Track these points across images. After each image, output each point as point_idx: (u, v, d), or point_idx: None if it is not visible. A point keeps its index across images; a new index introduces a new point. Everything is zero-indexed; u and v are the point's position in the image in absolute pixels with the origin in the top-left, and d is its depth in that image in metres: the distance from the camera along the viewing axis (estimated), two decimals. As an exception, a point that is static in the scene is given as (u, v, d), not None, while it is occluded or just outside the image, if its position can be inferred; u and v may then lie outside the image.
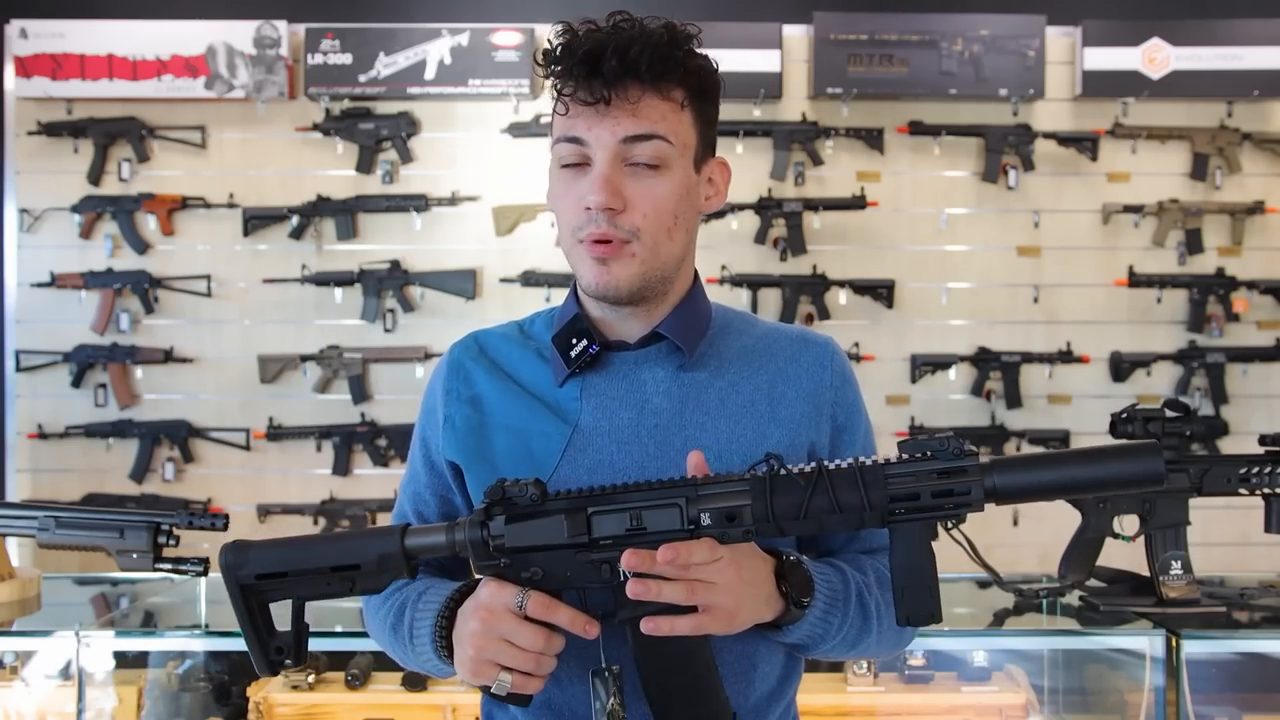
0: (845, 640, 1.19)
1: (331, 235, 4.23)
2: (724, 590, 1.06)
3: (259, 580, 1.13)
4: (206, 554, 2.19)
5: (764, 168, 4.20)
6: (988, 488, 1.03)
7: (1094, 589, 2.28)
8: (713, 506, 1.05)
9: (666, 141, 1.17)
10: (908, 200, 4.25)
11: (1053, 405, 4.24)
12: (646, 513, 1.06)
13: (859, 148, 4.24)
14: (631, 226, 1.17)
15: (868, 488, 1.03)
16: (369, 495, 4.23)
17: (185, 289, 4.22)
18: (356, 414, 4.21)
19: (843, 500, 1.03)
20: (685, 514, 1.06)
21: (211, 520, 2.11)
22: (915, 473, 1.03)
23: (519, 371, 1.27)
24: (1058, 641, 2.31)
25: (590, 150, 1.16)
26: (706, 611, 1.06)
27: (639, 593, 1.04)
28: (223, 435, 4.23)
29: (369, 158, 4.22)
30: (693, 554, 1.04)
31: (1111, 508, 2.19)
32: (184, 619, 2.39)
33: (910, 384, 4.24)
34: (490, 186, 4.21)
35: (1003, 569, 2.39)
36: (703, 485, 1.07)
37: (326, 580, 1.12)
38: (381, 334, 4.23)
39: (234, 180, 4.24)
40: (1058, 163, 4.26)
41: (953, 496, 1.03)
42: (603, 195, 1.15)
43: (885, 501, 1.03)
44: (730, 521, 1.05)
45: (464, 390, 1.28)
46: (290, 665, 1.15)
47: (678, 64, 1.17)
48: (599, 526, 1.07)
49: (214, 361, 4.26)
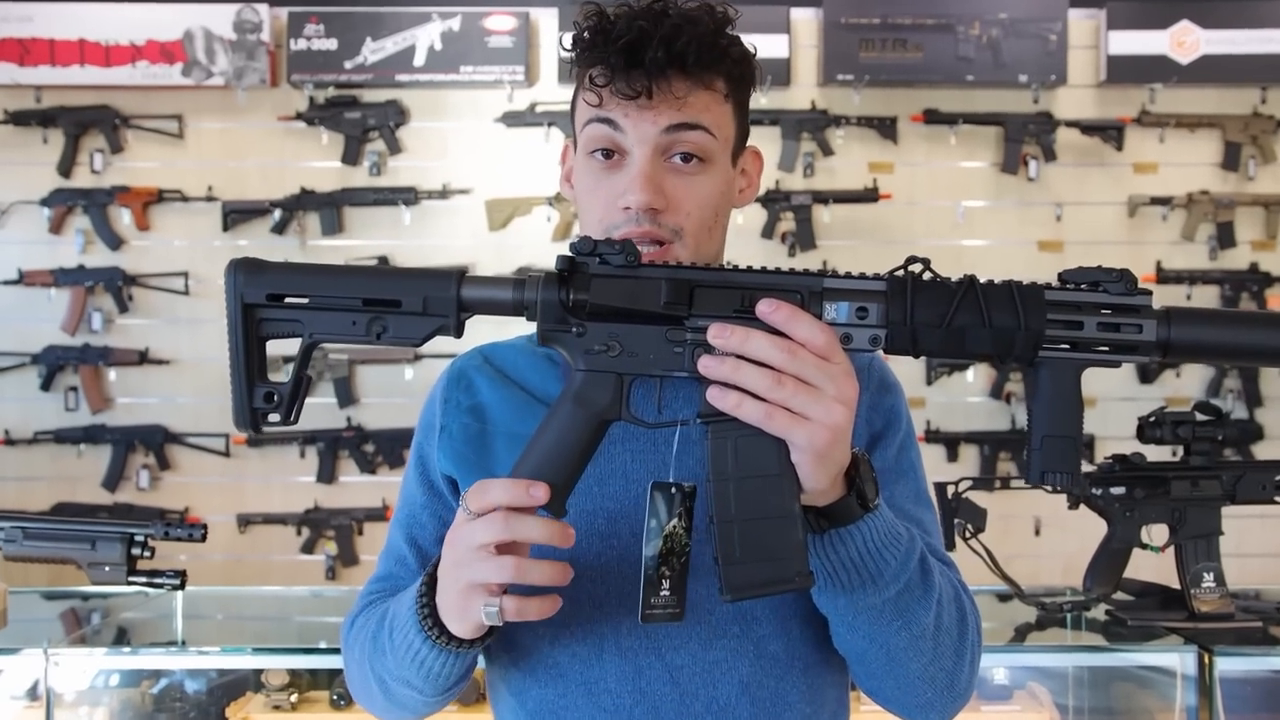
0: (899, 603, 1.05)
1: (316, 230, 4.23)
2: (828, 403, 0.93)
3: (269, 302, 1.02)
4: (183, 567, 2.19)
5: (771, 158, 4.18)
6: (1161, 336, 0.97)
7: (1121, 603, 2.27)
8: (844, 301, 0.97)
9: (710, 134, 1.14)
10: (923, 192, 4.25)
11: (1077, 408, 4.22)
12: (761, 297, 0.97)
13: (871, 137, 4.23)
14: (675, 225, 1.14)
15: (1025, 307, 0.96)
16: (355, 504, 4.22)
17: (161, 287, 4.22)
18: (342, 418, 4.21)
19: (995, 317, 0.96)
20: (806, 306, 0.98)
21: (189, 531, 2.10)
22: (1079, 302, 0.97)
23: (527, 378, 1.24)
24: (1083, 658, 2.29)
25: (627, 141, 1.13)
26: (798, 417, 0.93)
27: (710, 369, 0.94)
28: (201, 441, 4.23)
29: (355, 148, 4.21)
30: (798, 324, 0.94)
31: (1139, 516, 2.18)
32: (159, 635, 2.38)
33: (926, 386, 4.24)
34: (483, 179, 4.21)
35: (1024, 581, 2.40)
36: (831, 277, 0.99)
37: (353, 318, 1.01)
38: (368, 334, 4.21)
39: (213, 172, 4.24)
40: (1081, 153, 4.25)
41: (1119, 334, 0.97)
42: (645, 194, 1.11)
43: (1042, 326, 0.96)
44: (860, 318, 0.97)
45: (464, 400, 1.25)
46: (276, 422, 1.03)
47: (723, 54, 1.15)
48: (701, 302, 0.99)
49: (191, 363, 4.25)
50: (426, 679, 1.09)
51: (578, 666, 1.16)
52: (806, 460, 0.95)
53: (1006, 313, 0.96)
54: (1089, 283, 0.98)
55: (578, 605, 1.15)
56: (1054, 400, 0.97)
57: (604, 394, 1.01)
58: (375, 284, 1.03)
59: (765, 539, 0.97)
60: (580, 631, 1.16)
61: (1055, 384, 0.98)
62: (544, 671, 1.17)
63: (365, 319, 1.02)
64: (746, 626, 1.15)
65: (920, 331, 0.97)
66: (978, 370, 4.23)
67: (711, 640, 1.15)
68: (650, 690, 1.14)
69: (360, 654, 1.19)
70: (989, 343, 0.97)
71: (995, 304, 0.97)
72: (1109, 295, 0.98)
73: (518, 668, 1.19)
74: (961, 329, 0.97)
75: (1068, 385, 0.98)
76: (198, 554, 3.87)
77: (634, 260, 1.00)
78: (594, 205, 1.16)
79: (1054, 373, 0.98)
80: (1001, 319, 0.96)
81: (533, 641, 1.18)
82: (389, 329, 1.02)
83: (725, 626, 1.15)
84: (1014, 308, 0.96)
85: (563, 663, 1.16)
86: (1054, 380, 0.98)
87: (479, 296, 1.02)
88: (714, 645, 1.15)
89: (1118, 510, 2.19)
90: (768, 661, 1.16)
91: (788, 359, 0.94)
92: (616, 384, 1.01)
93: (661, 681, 1.14)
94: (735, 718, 1.14)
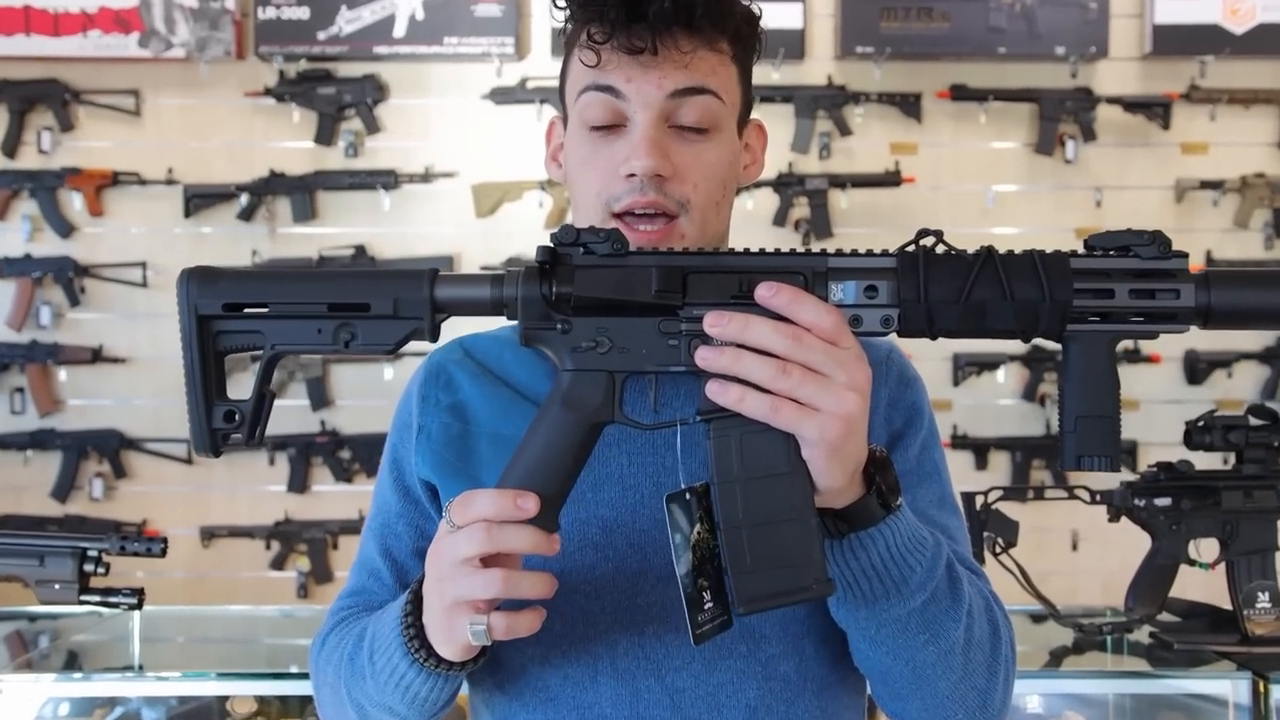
0: (926, 615, 1.04)
1: (287, 216, 4.22)
2: (839, 391, 0.93)
3: (225, 313, 1.03)
4: (141, 584, 2.18)
5: (784, 139, 4.18)
6: (1200, 303, 0.96)
7: (1167, 624, 2.27)
8: (850, 281, 0.97)
9: (718, 99, 1.15)
10: (949, 176, 4.25)
11: (1118, 412, 4.22)
12: (760, 280, 0.96)
13: (893, 116, 4.23)
14: (681, 197, 1.14)
15: (1050, 278, 0.95)
16: (330, 515, 4.22)
17: (117, 278, 4.21)
18: (315, 422, 4.21)
19: (1017, 289, 0.95)
20: (811, 288, 0.97)
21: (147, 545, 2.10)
22: (1109, 270, 0.97)
23: (512, 374, 1.24)
24: (1125, 685, 2.29)
25: (628, 107, 1.13)
26: (806, 408, 0.93)
27: (709, 360, 0.94)
28: (160, 447, 4.23)
29: (329, 127, 4.21)
30: (802, 307, 0.93)
31: (1187, 530, 2.18)
32: (115, 660, 2.37)
33: (953, 387, 4.23)
34: (469, 161, 4.20)
35: (1060, 600, 2.40)
36: (835, 256, 0.99)
37: (318, 326, 1.02)
38: (343, 330, 4.21)
39: (173, 153, 4.23)
40: (1123, 132, 4.25)
41: (1154, 301, 0.96)
42: (652, 159, 1.11)
43: (1068, 297, 0.95)
44: (869, 298, 0.97)
45: (444, 398, 1.24)
46: (238, 441, 1.03)
47: (730, 10, 1.15)
48: (695, 289, 0.99)
49: (150, 362, 4.25)
50: (411, 705, 1.09)
51: (569, 690, 1.15)
52: (819, 455, 0.94)
53: (1029, 284, 0.96)
54: (1118, 248, 0.98)
55: (570, 623, 1.15)
56: (1087, 377, 0.97)
57: (595, 395, 1.01)
58: (341, 288, 1.03)
59: (778, 544, 0.96)
60: (572, 652, 1.15)
61: (1087, 359, 0.97)
62: (532, 695, 1.17)
63: (331, 326, 1.03)
64: (754, 646, 1.15)
65: (936, 309, 0.97)
66: (1009, 370, 4.22)
67: (716, 661, 1.15)
68: (649, 716, 1.14)
69: (335, 678, 1.18)
70: (1012, 317, 0.96)
71: (1017, 275, 0.96)
72: (1141, 260, 0.97)
73: (503, 691, 1.19)
74: (981, 303, 0.96)
75: (1101, 360, 0.97)
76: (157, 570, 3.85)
77: (621, 248, 1.00)
78: (590, 178, 1.16)
79: (1085, 347, 0.97)
80: (1024, 291, 0.96)
81: (520, 662, 1.17)
82: (358, 335, 1.03)
83: (731, 646, 1.15)
84: (1037, 278, 0.96)
85: (553, 685, 1.16)
86: (1085, 355, 0.97)
87: (454, 296, 1.02)
88: (718, 666, 1.15)
89: (1163, 523, 2.18)
90: (777, 683, 1.15)
91: (792, 345, 0.93)
92: (608, 383, 1.01)
93: (661, 706, 1.14)
94: None
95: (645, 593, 1.15)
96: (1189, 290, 0.97)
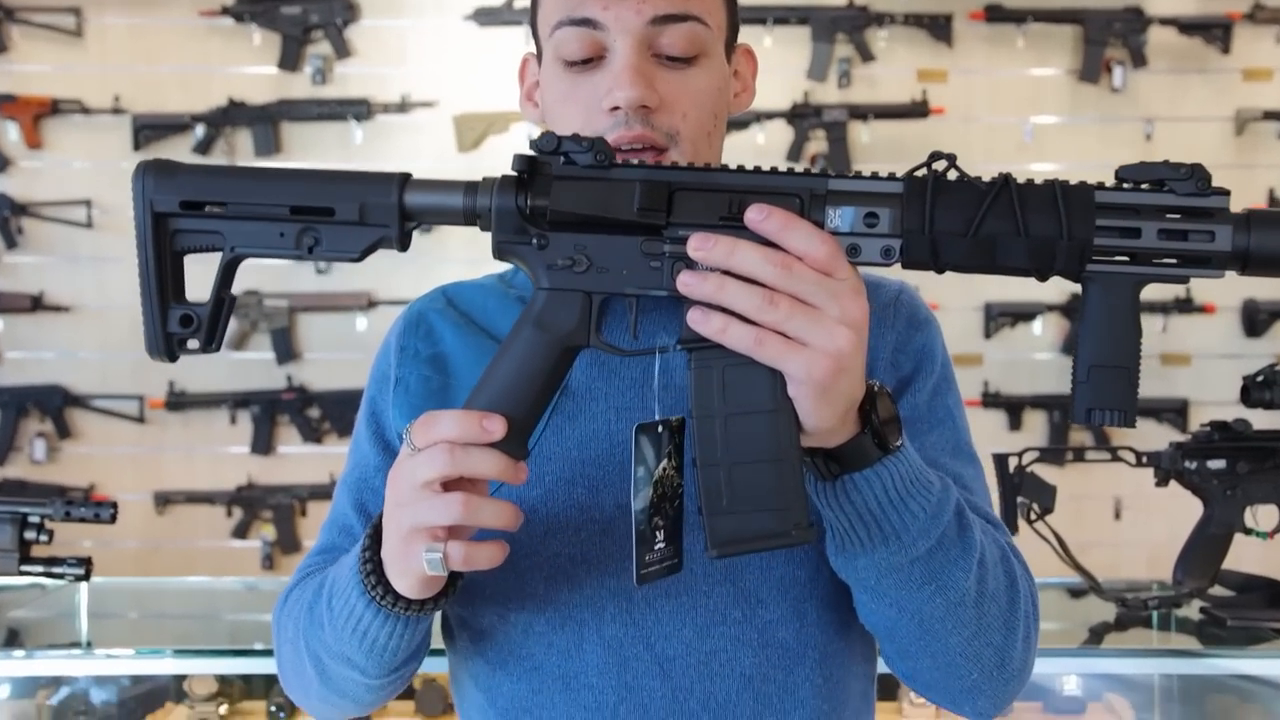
0: (931, 564, 1.05)
1: (248, 150, 4.21)
2: (830, 326, 0.93)
3: (183, 210, 1.05)
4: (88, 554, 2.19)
5: (799, 65, 4.17)
6: (1238, 246, 0.95)
7: (1219, 599, 2.28)
8: (848, 206, 0.97)
9: (702, 24, 1.16)
10: (982, 106, 4.24)
11: (1167, 367, 4.23)
12: (752, 201, 0.97)
13: (920, 39, 4.21)
14: (669, 129, 1.15)
15: (1070, 211, 0.95)
16: (298, 479, 4.23)
17: (58, 218, 4.21)
18: (281, 377, 4.20)
19: (1032, 223, 0.95)
20: (807, 212, 0.98)
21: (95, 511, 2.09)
22: (1138, 205, 0.96)
23: (496, 324, 1.26)
24: (1172, 665, 2.30)
25: (607, 36, 1.15)
26: (793, 343, 0.94)
27: (691, 286, 0.95)
28: (109, 404, 4.23)
29: (294, 51, 4.19)
30: (794, 233, 0.94)
31: (1243, 495, 2.18)
32: (60, 636, 2.39)
33: (984, 339, 4.24)
34: (451, 89, 4.19)
35: (1102, 573, 2.41)
36: (837, 178, 0.99)
37: (280, 229, 1.04)
38: (313, 276, 4.21)
39: (120, 78, 4.21)
40: (1178, 56, 4.23)
41: (1186, 242, 0.95)
42: (636, 89, 1.13)
43: (1089, 234, 0.95)
44: (869, 226, 0.97)
45: (424, 348, 1.27)
46: (195, 348, 1.06)
47: None
48: (682, 208, 0.99)
49: (96, 310, 4.25)
50: (370, 654, 1.10)
51: (554, 658, 1.18)
52: (806, 394, 0.95)
53: (1047, 218, 0.96)
54: (1152, 181, 0.97)
55: (554, 587, 1.17)
56: (1105, 323, 0.97)
57: (569, 316, 1.03)
58: (305, 189, 1.05)
59: (758, 486, 0.98)
60: (557, 618, 1.18)
61: (1107, 303, 0.97)
62: (516, 664, 1.19)
63: (294, 230, 1.05)
64: (750, 611, 1.17)
65: (941, 241, 0.97)
66: (1046, 320, 4.22)
67: (708, 628, 1.16)
68: (637, 685, 1.16)
69: (294, 631, 1.20)
70: (1024, 254, 0.96)
71: (1033, 207, 0.96)
72: (1175, 196, 0.96)
73: (485, 659, 1.21)
74: (991, 238, 0.96)
75: (1123, 305, 0.97)
76: (106, 539, 3.87)
77: (605, 160, 1.00)
78: (570, 115, 1.18)
79: (1106, 290, 0.97)
80: (1040, 225, 0.96)
81: (502, 628, 1.19)
82: (322, 241, 1.05)
83: (725, 611, 1.17)
84: (1056, 212, 0.96)
85: (537, 654, 1.18)
86: (1105, 299, 0.97)
87: (425, 203, 1.04)
88: (711, 634, 1.17)
89: (1216, 488, 2.19)
90: (775, 651, 1.17)
91: (781, 274, 0.93)
92: (584, 304, 1.03)
93: (650, 675, 1.16)
94: (736, 716, 1.16)
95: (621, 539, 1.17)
96: (1225, 232, 0.95)
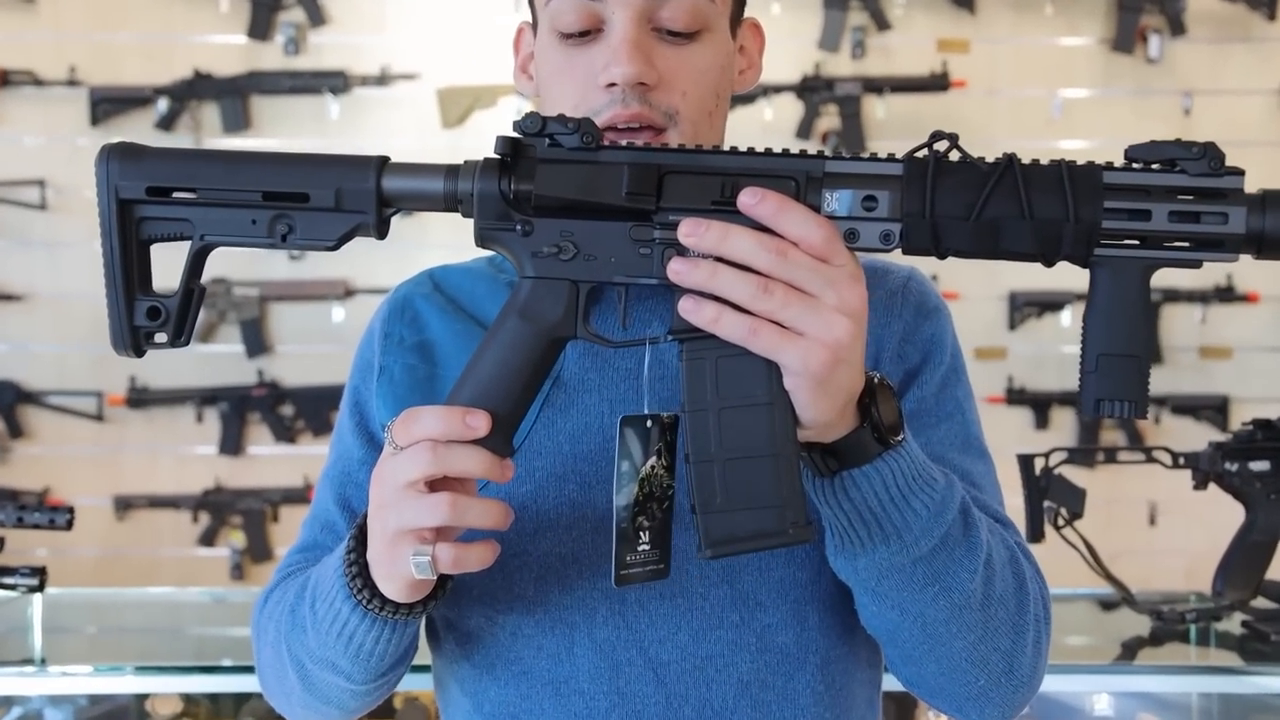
0: (935, 565, 1.07)
1: (215, 125, 4.21)
2: (827, 315, 0.95)
3: (149, 197, 1.07)
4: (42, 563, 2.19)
5: (810, 35, 4.18)
6: (1253, 228, 0.98)
7: (1263, 611, 2.28)
8: (845, 189, 0.99)
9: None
10: (1007, 79, 4.24)
11: (1206, 361, 4.24)
12: (745, 184, 0.99)
13: (941, 6, 4.21)
14: (668, 107, 1.17)
15: (1076, 193, 0.97)
16: (269, 482, 4.24)
17: (9, 198, 4.21)
18: (251, 371, 4.20)
19: (1037, 205, 0.98)
20: (803, 195, 1.00)
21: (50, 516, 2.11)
22: (1148, 186, 0.98)
23: (484, 310, 1.28)
24: (1211, 683, 2.31)
25: (605, 8, 1.16)
26: (789, 333, 0.96)
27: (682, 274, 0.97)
28: (65, 401, 4.24)
29: (265, 19, 4.19)
30: (789, 218, 0.96)
31: (1287, 500, 2.19)
32: (12, 652, 2.39)
33: (1008, 331, 4.25)
34: (434, 61, 4.19)
35: (1135, 583, 2.41)
36: (835, 160, 1.01)
37: (252, 216, 1.06)
38: (286, 263, 4.22)
39: (75, 48, 4.21)
40: (1219, 24, 4.23)
41: (1198, 225, 0.98)
42: (633, 65, 1.14)
43: (1096, 217, 0.97)
44: (868, 210, 0.99)
45: (409, 335, 1.30)
46: (163, 342, 1.08)
47: None
48: (672, 192, 1.02)
49: (51, 300, 4.25)
50: (355, 659, 1.12)
51: (544, 662, 1.20)
52: (802, 386, 0.97)
53: (1053, 200, 0.98)
54: (1163, 161, 0.99)
55: (544, 588, 1.19)
56: (1114, 310, 0.99)
57: (555, 306, 1.05)
58: (278, 174, 1.07)
59: (753, 482, 1.00)
60: (547, 620, 1.20)
61: (1116, 289, 0.99)
62: (504, 668, 1.22)
63: (267, 217, 1.07)
64: (748, 614, 1.19)
65: (943, 225, 0.99)
66: (1075, 311, 4.22)
67: (704, 631, 1.19)
68: (630, 691, 1.19)
69: (275, 634, 1.22)
70: (1029, 239, 0.98)
71: (1039, 189, 0.98)
72: (1187, 177, 0.98)
73: (472, 663, 1.23)
74: (995, 222, 0.98)
75: (1132, 291, 0.99)
76: (62, 547, 3.88)
77: (592, 141, 1.02)
78: (565, 89, 1.20)
79: (1115, 275, 0.99)
80: (1046, 208, 0.98)
81: (490, 631, 1.22)
82: (296, 229, 1.07)
83: (721, 615, 1.19)
84: (1062, 194, 0.98)
85: (526, 658, 1.21)
86: (1115, 284, 0.99)
87: (403, 188, 1.06)
88: (707, 637, 1.19)
89: (1260, 492, 2.19)
90: (774, 656, 1.20)
91: (776, 261, 0.95)
92: (571, 294, 1.05)
93: (644, 681, 1.19)
94: None
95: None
96: (1239, 214, 0.97)
